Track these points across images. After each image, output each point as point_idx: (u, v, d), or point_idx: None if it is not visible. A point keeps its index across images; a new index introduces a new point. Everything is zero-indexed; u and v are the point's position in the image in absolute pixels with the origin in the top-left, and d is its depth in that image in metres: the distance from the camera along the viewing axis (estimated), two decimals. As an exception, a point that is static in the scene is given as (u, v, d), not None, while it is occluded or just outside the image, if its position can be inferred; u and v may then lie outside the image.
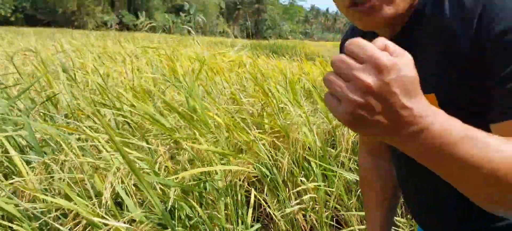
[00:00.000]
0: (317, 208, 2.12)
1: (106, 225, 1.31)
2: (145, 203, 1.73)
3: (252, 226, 1.92)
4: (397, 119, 0.46)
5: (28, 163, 1.69)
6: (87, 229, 1.45)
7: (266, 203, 2.11)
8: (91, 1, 51.51)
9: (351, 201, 2.18)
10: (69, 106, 2.40)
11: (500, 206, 0.54)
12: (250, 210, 1.91)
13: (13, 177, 1.66)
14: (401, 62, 0.45)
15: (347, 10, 0.71)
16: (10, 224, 1.35)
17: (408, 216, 2.12)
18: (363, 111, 0.45)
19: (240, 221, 1.95)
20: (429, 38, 0.69)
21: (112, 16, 55.09)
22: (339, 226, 2.27)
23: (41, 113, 2.49)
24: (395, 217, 1.22)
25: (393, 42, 0.51)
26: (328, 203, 2.20)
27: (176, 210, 1.78)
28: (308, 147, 2.47)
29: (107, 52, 6.66)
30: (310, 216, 2.12)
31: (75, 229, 1.39)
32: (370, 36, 0.72)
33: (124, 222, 1.36)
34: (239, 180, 2.05)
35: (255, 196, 1.97)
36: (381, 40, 0.47)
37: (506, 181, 0.49)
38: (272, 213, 2.07)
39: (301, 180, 2.17)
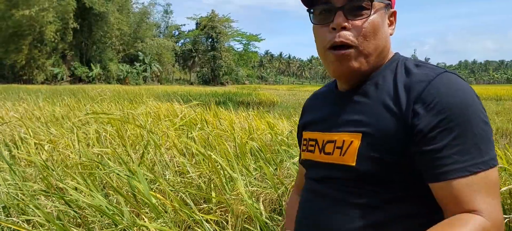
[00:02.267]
0: None
1: None
2: None
3: None
4: None
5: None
6: None
7: None
8: (41, 55, 50.11)
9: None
10: (8, 197, 2.34)
11: None
12: None
13: None
14: None
15: (325, 52, 0.88)
16: None
17: None
18: None
19: None
20: (377, 94, 0.84)
21: (63, 68, 53.74)
22: None
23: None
24: None
25: (347, 92, 0.87)
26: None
27: None
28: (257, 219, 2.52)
29: (56, 116, 6.51)
30: None
31: None
32: (328, 93, 0.99)
33: None
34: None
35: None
36: None
37: None
38: None
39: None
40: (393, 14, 0.92)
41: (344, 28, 0.84)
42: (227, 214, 2.50)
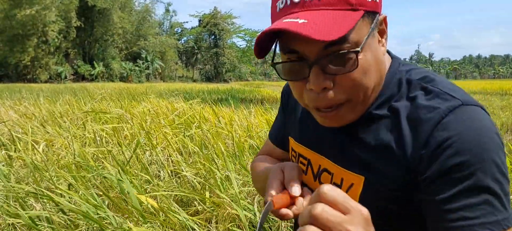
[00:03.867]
0: None
1: None
2: None
3: None
4: None
5: None
6: None
7: None
8: (45, 54, 50.26)
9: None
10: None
11: None
12: None
13: None
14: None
15: (307, 107, 0.70)
16: None
17: None
18: None
19: None
20: (377, 130, 0.69)
21: (67, 67, 53.89)
22: None
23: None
24: None
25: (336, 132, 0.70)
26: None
27: None
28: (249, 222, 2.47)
29: (55, 115, 6.48)
30: None
31: None
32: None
33: None
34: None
35: None
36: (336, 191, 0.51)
37: None
38: None
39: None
40: (383, 21, 0.68)
41: (326, 87, 0.63)
42: (218, 214, 2.45)
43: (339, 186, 0.73)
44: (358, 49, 0.60)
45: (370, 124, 0.70)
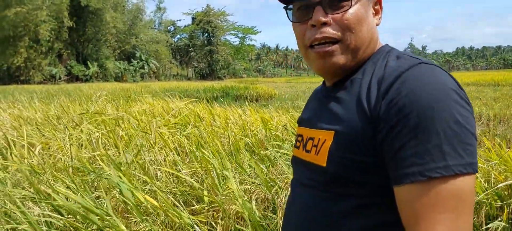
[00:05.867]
0: None
1: None
2: None
3: None
4: None
5: None
6: None
7: None
8: (37, 55, 49.91)
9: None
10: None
11: None
12: None
13: None
14: None
15: (306, 50, 0.83)
16: None
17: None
18: None
19: None
20: (355, 90, 0.77)
21: (60, 68, 53.55)
22: None
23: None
24: None
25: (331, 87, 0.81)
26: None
27: None
28: (249, 218, 2.49)
29: (50, 117, 6.46)
30: None
31: None
32: (320, 89, 0.94)
33: None
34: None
35: None
36: None
37: None
38: None
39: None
40: (378, 2, 0.85)
41: (325, 23, 0.78)
42: (219, 214, 2.47)
43: (317, 146, 0.81)
44: (354, 0, 0.78)
45: (348, 84, 0.80)
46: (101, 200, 2.49)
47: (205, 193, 2.73)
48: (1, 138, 4.85)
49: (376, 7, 0.85)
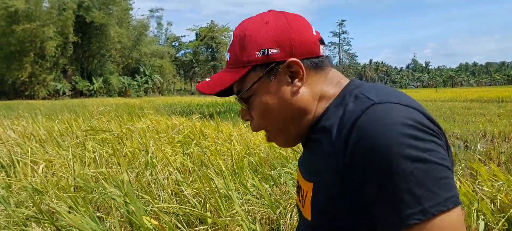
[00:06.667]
0: None
1: None
2: None
3: None
4: None
5: None
6: None
7: None
8: (43, 70, 50.32)
9: None
10: (-2, 225, 2.29)
11: None
12: None
13: None
14: None
15: None
16: None
17: None
18: None
19: None
20: (323, 139, 0.75)
21: (65, 83, 53.92)
22: None
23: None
24: None
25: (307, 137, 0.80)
26: None
27: None
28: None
29: (53, 134, 6.47)
30: None
31: None
32: None
33: None
34: None
35: None
36: None
37: None
38: None
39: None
40: (293, 64, 0.77)
41: (248, 119, 0.84)
42: (222, 236, 2.45)
43: (303, 197, 0.81)
44: (252, 96, 0.80)
45: (317, 135, 0.79)
46: (105, 222, 2.48)
47: (208, 214, 2.70)
48: (5, 155, 4.86)
49: (292, 69, 0.77)
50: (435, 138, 0.63)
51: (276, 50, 0.77)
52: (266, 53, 0.77)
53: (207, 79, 0.84)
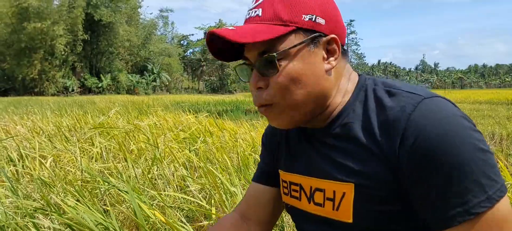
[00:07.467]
0: None
1: None
2: None
3: None
4: None
5: None
6: None
7: None
8: (52, 67, 50.79)
9: None
10: (7, 216, 2.33)
11: None
12: None
13: None
14: None
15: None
16: None
17: None
18: None
19: None
20: (354, 134, 0.73)
21: (74, 80, 54.38)
22: None
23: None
24: None
25: (321, 132, 0.75)
26: None
27: None
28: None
29: (62, 130, 6.55)
30: None
31: None
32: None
33: None
34: None
35: None
36: None
37: None
38: None
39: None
40: (333, 41, 0.75)
41: (261, 87, 0.74)
42: None
43: (333, 200, 0.75)
44: (285, 61, 0.71)
45: (345, 131, 0.75)
46: (108, 212, 2.51)
47: (213, 210, 2.72)
48: (14, 150, 4.93)
49: (330, 47, 0.75)
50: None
51: (322, 21, 0.73)
52: (313, 20, 0.72)
53: (231, 27, 0.72)
